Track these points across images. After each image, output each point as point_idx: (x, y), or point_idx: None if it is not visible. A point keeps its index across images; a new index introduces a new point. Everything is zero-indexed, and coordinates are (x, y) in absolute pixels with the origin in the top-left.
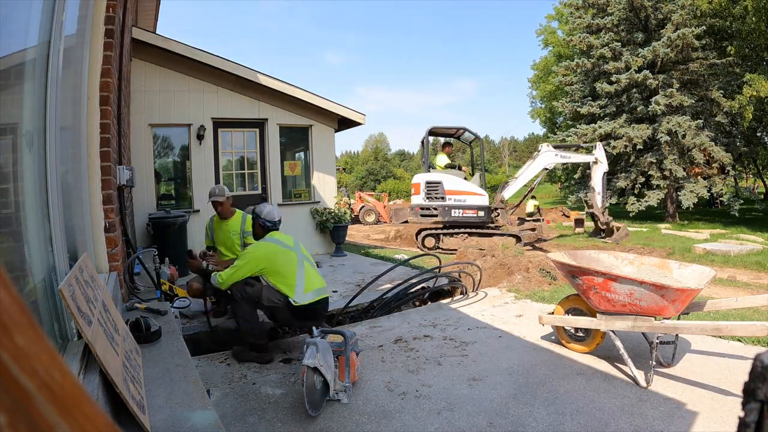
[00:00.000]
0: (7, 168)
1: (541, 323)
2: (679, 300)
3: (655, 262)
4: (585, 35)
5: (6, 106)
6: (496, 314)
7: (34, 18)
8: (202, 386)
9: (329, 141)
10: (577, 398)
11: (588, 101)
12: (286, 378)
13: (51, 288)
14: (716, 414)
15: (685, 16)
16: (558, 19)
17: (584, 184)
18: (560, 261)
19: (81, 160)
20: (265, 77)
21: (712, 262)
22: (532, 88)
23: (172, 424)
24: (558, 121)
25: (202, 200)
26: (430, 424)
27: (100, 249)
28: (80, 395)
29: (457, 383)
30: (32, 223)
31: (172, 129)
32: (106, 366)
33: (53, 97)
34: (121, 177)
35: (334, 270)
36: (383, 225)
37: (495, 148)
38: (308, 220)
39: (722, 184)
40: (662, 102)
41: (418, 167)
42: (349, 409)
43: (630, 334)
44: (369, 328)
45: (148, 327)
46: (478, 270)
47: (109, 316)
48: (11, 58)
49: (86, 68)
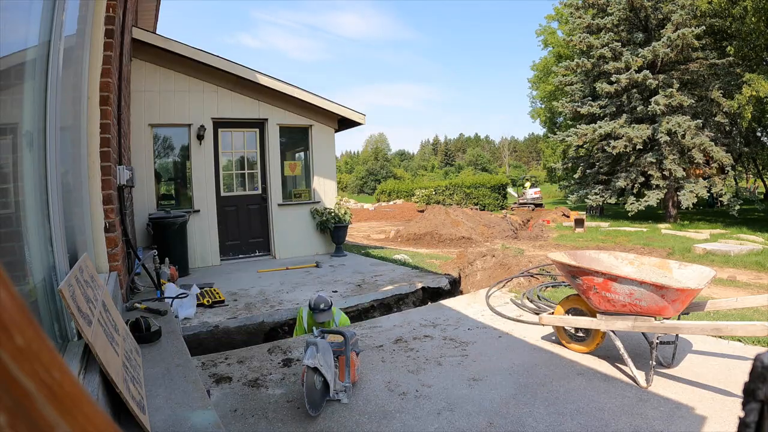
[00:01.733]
0: (7, 168)
1: (541, 323)
2: (679, 300)
3: (655, 262)
4: (585, 35)
5: (6, 106)
6: (496, 314)
7: (34, 18)
8: (202, 386)
9: (329, 141)
10: (577, 398)
11: (588, 101)
12: (286, 378)
13: (51, 288)
14: (716, 414)
15: (685, 16)
16: (558, 20)
17: (584, 184)
18: (560, 261)
19: (81, 160)
20: (265, 77)
21: (712, 262)
22: (532, 88)
23: (172, 424)
24: (558, 121)
25: (202, 200)
26: (430, 424)
27: (100, 249)
28: (80, 395)
29: (457, 383)
30: (32, 223)
31: (172, 129)
32: (106, 366)
33: (53, 97)
34: (121, 177)
35: (334, 270)
36: (384, 225)
37: (495, 148)
38: (308, 220)
39: (722, 185)
40: (662, 102)
41: (418, 167)
42: (349, 409)
43: (630, 334)
44: (369, 328)
45: (148, 327)
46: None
47: (109, 316)
48: (11, 58)
49: (86, 68)
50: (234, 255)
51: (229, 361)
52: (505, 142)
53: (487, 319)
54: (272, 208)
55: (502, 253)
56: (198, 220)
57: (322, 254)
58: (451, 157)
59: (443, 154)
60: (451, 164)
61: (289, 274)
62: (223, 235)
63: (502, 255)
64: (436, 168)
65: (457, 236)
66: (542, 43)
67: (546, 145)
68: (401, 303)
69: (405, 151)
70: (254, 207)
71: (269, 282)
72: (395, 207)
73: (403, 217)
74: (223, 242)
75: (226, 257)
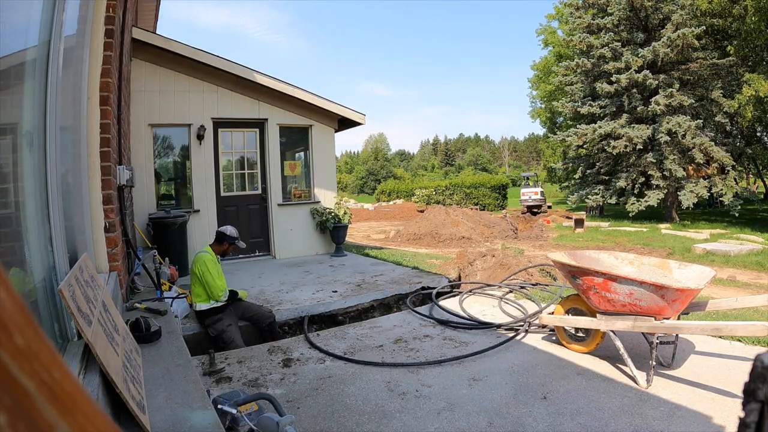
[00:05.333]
0: (7, 168)
1: (541, 323)
2: (679, 300)
3: (655, 262)
4: (585, 35)
5: (6, 106)
6: (496, 314)
7: (34, 18)
8: (202, 386)
9: (329, 141)
10: (577, 398)
11: (588, 101)
12: (286, 378)
13: (51, 288)
14: (716, 414)
15: (685, 16)
16: (558, 19)
17: (585, 184)
18: (560, 261)
19: (81, 160)
20: (263, 76)
21: (712, 262)
22: (532, 88)
23: (172, 424)
24: (558, 121)
25: (202, 200)
26: (430, 424)
27: (100, 249)
28: (80, 395)
29: (457, 383)
30: (32, 223)
31: (172, 129)
32: (106, 366)
33: (53, 97)
34: (121, 177)
35: (334, 270)
36: (384, 225)
37: (495, 148)
38: (308, 220)
39: (722, 185)
40: (662, 102)
41: (418, 167)
42: (349, 409)
43: (630, 334)
44: (369, 328)
45: (148, 327)
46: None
47: (109, 316)
48: (11, 58)
49: (86, 68)
50: (234, 255)
51: (229, 361)
52: (505, 142)
53: (488, 319)
54: (272, 208)
55: (502, 253)
56: (198, 220)
57: (322, 254)
58: (451, 157)
59: (443, 154)
60: (451, 164)
61: (289, 274)
62: None
63: (502, 255)
64: (436, 168)
65: (457, 236)
66: (542, 42)
67: (546, 145)
68: (401, 303)
69: (405, 151)
70: (254, 207)
71: (269, 282)
72: (395, 207)
73: (403, 217)
74: None
75: (227, 257)
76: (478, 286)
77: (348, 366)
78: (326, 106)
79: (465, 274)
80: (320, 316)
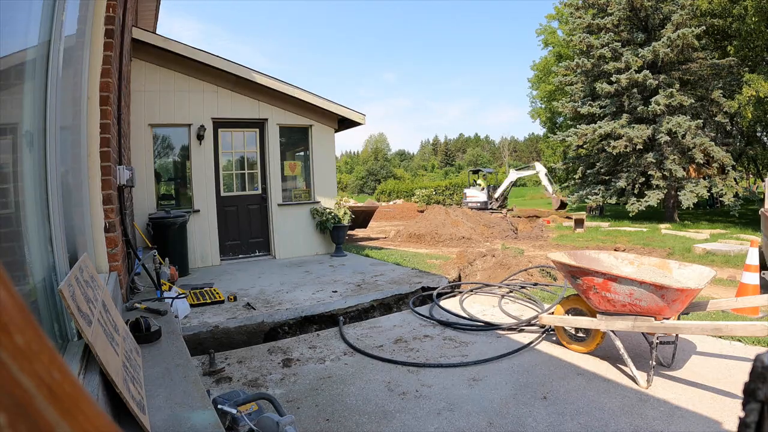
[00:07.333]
0: (7, 168)
1: (541, 323)
2: (679, 300)
3: (655, 262)
4: (585, 35)
5: (6, 106)
6: (496, 314)
7: (34, 18)
8: (202, 386)
9: (329, 141)
10: (578, 398)
11: (588, 101)
12: (286, 378)
13: (51, 288)
14: (716, 414)
15: (685, 16)
16: (558, 19)
17: (585, 184)
18: (560, 261)
19: (81, 160)
20: (263, 76)
21: (712, 262)
22: (532, 88)
23: (172, 424)
24: (558, 121)
25: (202, 200)
26: (430, 424)
27: (100, 249)
28: (80, 395)
29: (457, 383)
30: (32, 223)
31: (172, 129)
32: (106, 366)
33: (53, 97)
34: (121, 177)
35: (334, 270)
36: (384, 225)
37: (495, 148)
38: (308, 220)
39: (722, 185)
40: (662, 102)
41: (418, 167)
42: (349, 408)
43: (630, 335)
44: (369, 328)
45: (148, 327)
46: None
47: (109, 316)
48: (11, 58)
49: (86, 68)
50: (234, 255)
51: (229, 361)
52: (505, 142)
53: (487, 319)
54: (272, 208)
55: (502, 253)
56: (198, 220)
57: (322, 254)
58: (451, 157)
59: (443, 154)
60: (451, 164)
61: (289, 274)
62: (223, 235)
63: (502, 255)
64: (436, 168)
65: (457, 236)
66: (542, 42)
67: (546, 145)
68: (401, 303)
69: (405, 151)
70: (254, 207)
71: (269, 282)
72: (395, 207)
73: (403, 217)
74: (223, 242)
75: (226, 257)
76: (478, 286)
77: (348, 366)
78: (326, 106)
79: (465, 274)
80: (320, 316)
